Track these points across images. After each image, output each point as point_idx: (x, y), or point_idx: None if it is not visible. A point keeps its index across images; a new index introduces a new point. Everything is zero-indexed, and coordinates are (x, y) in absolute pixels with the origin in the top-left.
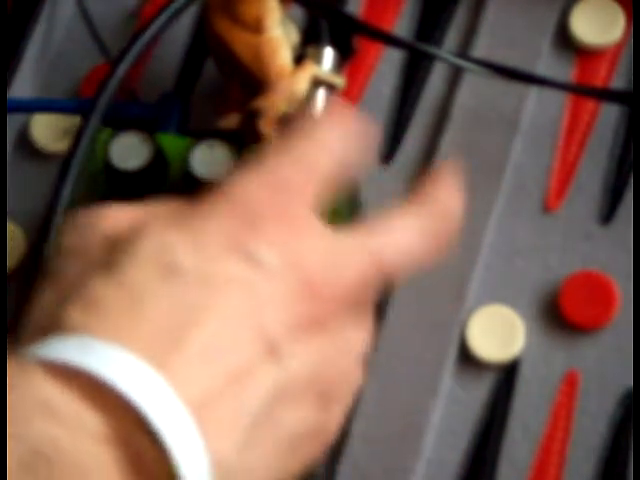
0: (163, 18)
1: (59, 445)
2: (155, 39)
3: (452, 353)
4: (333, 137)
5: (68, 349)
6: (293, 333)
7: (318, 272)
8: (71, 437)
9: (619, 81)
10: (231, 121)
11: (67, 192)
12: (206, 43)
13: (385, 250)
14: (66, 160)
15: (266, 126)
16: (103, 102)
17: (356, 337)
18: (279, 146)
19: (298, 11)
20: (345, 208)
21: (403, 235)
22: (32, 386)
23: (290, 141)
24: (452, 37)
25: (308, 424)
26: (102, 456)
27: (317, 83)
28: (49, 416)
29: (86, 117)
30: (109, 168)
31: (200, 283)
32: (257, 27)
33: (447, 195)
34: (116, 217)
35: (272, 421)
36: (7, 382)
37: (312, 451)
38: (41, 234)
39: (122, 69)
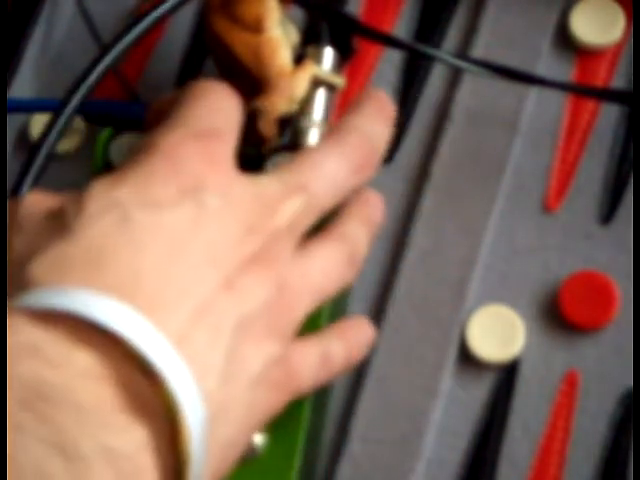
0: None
1: (53, 383)
2: (149, 30)
3: (452, 353)
4: (220, 96)
5: (46, 297)
6: (243, 269)
7: (254, 215)
8: (63, 376)
9: (619, 81)
10: None
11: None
12: (206, 43)
13: (311, 181)
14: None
15: (266, 126)
16: (85, 87)
17: (299, 264)
18: (182, 105)
19: (298, 11)
20: None
21: (324, 163)
22: (18, 331)
23: (192, 101)
24: (452, 37)
25: (272, 358)
26: (96, 392)
27: (317, 83)
28: (39, 358)
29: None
30: (109, 168)
31: (154, 228)
32: (257, 27)
33: (367, 120)
34: (54, 196)
35: (240, 357)
36: None
37: (280, 389)
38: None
39: (112, 55)
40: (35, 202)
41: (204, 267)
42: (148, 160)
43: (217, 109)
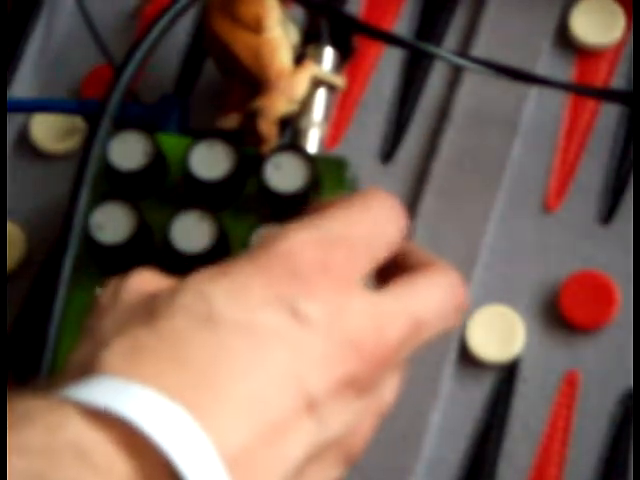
0: (165, 20)
1: None
2: (158, 41)
3: (452, 353)
4: (390, 216)
5: (104, 392)
6: (333, 393)
7: (363, 334)
8: None
9: (619, 81)
10: (231, 121)
11: (83, 201)
12: (206, 43)
13: (421, 311)
14: (77, 174)
15: (266, 126)
16: (110, 111)
17: (386, 399)
18: (336, 208)
19: (298, 11)
20: None
21: (434, 295)
22: (66, 427)
23: (348, 207)
24: (452, 37)
25: (332, 478)
26: None
27: (317, 83)
28: (80, 460)
29: (93, 125)
30: (109, 168)
31: (241, 332)
32: (257, 27)
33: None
34: (154, 278)
35: (301, 479)
36: (43, 422)
37: None
38: (59, 243)
39: (127, 75)
40: (140, 283)
41: (287, 381)
42: (259, 256)
43: (369, 220)
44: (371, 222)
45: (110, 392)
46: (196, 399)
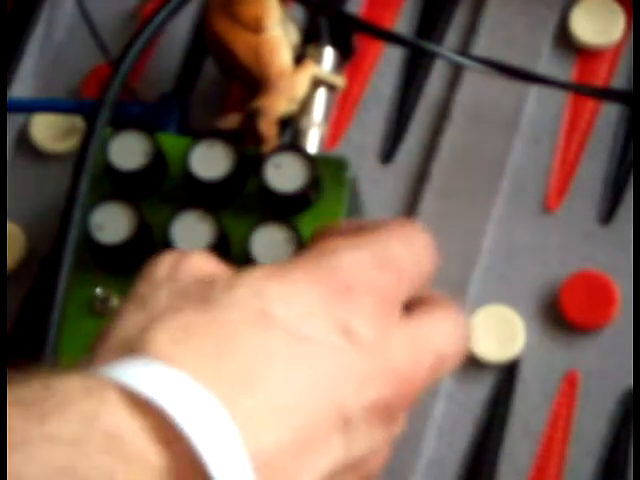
0: (163, 14)
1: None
2: (156, 36)
3: None
4: (427, 249)
5: (147, 377)
6: (367, 416)
7: (403, 362)
8: (129, 475)
9: (619, 81)
10: (231, 121)
11: (81, 196)
12: (206, 43)
13: (445, 346)
14: (77, 162)
15: (266, 126)
16: (109, 101)
17: (402, 424)
18: (396, 228)
19: (298, 11)
20: (345, 208)
21: (454, 332)
22: (103, 415)
23: (393, 233)
24: (452, 37)
25: None
26: None
27: (317, 83)
28: (112, 449)
29: (92, 117)
30: (109, 168)
31: (292, 338)
32: (257, 27)
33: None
34: (210, 262)
35: None
36: (78, 409)
37: None
38: (58, 242)
39: (124, 68)
40: (199, 264)
41: (326, 395)
42: (315, 267)
43: (413, 250)
44: (414, 252)
45: (151, 377)
46: (234, 395)
